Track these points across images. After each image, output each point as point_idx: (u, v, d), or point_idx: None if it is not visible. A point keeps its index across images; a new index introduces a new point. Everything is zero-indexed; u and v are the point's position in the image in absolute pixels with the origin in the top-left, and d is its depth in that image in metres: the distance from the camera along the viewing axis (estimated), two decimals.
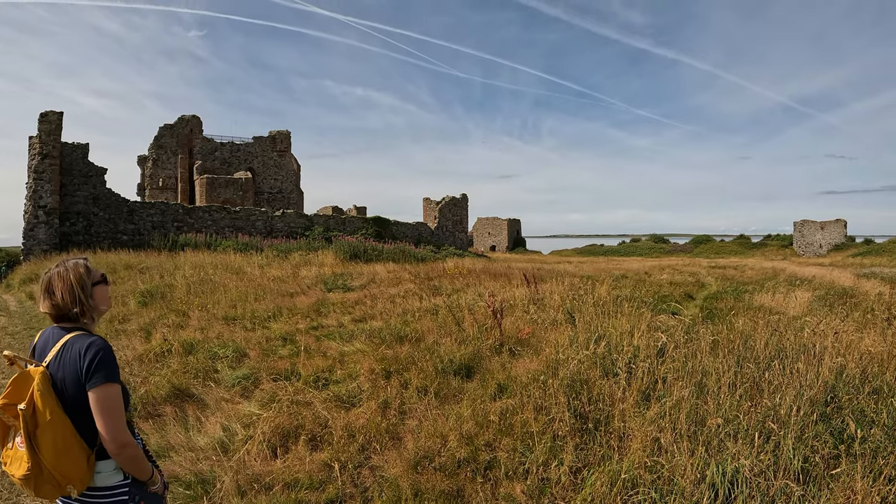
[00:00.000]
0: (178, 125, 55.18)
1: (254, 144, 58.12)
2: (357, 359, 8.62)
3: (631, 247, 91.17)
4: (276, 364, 8.67)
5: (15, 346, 12.44)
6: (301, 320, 11.76)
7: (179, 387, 7.97)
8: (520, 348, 8.69)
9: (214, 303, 13.25)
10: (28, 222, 29.46)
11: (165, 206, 34.75)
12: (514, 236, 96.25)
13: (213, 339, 10.04)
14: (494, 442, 5.79)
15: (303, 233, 36.94)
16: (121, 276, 18.88)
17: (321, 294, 14.90)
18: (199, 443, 6.39)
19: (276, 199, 56.64)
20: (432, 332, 9.77)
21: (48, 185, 29.72)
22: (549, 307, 11.14)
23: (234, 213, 36.43)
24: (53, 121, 30.05)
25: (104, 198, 32.63)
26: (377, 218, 43.63)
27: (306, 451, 5.98)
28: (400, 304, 12.90)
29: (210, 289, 15.18)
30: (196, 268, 19.48)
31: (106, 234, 32.14)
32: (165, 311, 12.71)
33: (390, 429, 6.32)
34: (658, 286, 20.36)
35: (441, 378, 7.58)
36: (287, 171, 58.80)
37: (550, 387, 6.40)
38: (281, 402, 7.07)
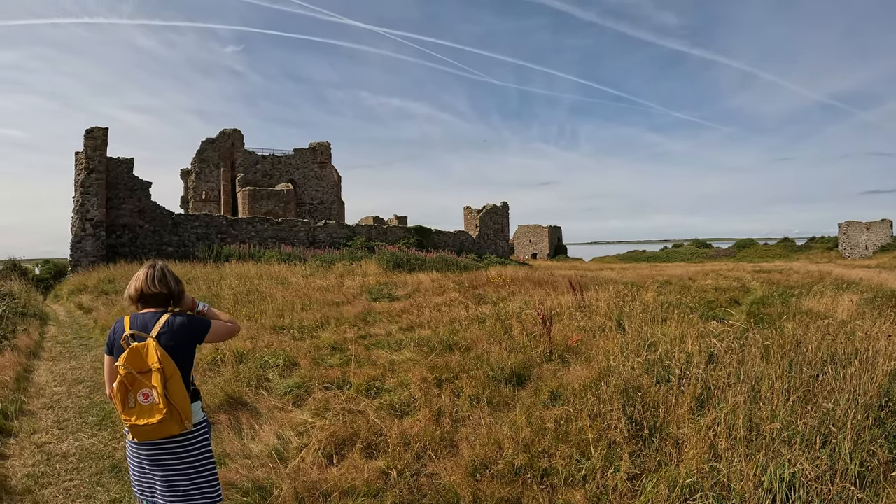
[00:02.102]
0: (220, 139, 55.94)
1: (294, 156, 58.68)
2: (407, 367, 8.62)
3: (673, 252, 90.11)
4: (326, 373, 8.70)
5: (66, 355, 12.79)
6: (349, 329, 11.77)
7: (233, 395, 8.07)
8: (569, 356, 8.63)
9: (261, 312, 13.34)
10: (76, 235, 30.07)
11: (209, 217, 35.24)
12: (554, 244, 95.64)
13: (262, 349, 10.11)
14: (550, 449, 5.73)
15: (345, 243, 37.14)
16: None
17: (367, 303, 14.96)
18: (255, 450, 6.45)
19: (318, 210, 57.06)
20: (481, 340, 9.75)
21: (95, 199, 30.33)
22: (595, 314, 11.06)
23: (277, 225, 36.80)
24: (99, 136, 30.68)
25: (149, 210, 33.22)
26: (418, 227, 43.72)
27: (362, 459, 5.98)
28: (446, 313, 12.89)
29: (257, 299, 15.30)
30: (241, 278, 19.67)
31: (151, 245, 32.72)
32: None
33: (445, 437, 6.31)
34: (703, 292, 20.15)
35: (493, 386, 7.56)
36: (328, 182, 59.21)
37: (604, 394, 6.36)
38: (333, 410, 7.11)
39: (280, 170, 57.88)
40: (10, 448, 7.52)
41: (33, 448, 7.51)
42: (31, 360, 12.22)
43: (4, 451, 7.35)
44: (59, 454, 7.28)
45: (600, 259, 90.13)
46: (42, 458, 7.18)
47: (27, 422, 8.48)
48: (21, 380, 10.37)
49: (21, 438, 7.86)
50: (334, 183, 60.42)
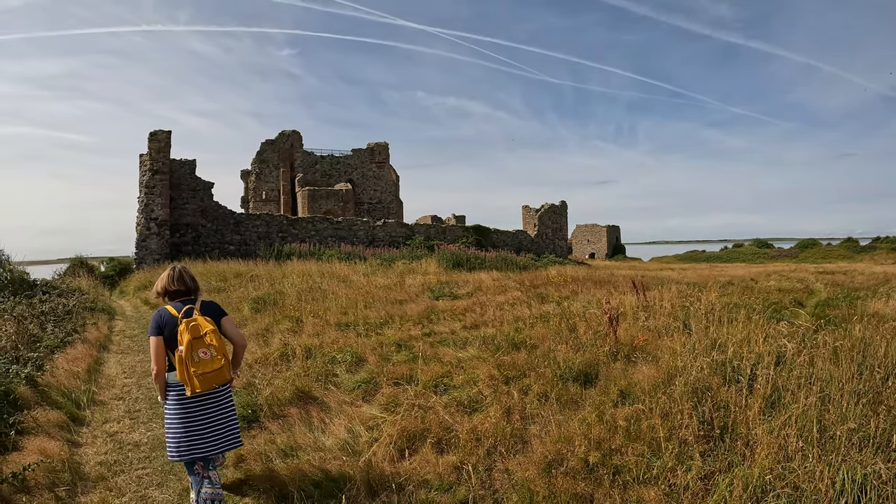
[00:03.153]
0: (279, 140, 56.57)
1: (353, 156, 59.05)
2: (474, 365, 8.55)
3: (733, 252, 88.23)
4: (393, 369, 8.68)
5: (134, 348, 13.15)
6: (413, 327, 11.75)
7: (302, 389, 8.10)
8: (636, 355, 8.49)
9: (325, 309, 13.38)
10: (140, 234, 30.72)
11: (270, 217, 35.69)
12: (613, 243, 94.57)
13: (328, 345, 10.14)
14: (622, 447, 5.64)
15: (404, 242, 37.27)
16: (231, 283, 19.38)
17: (429, 302, 14.88)
18: (326, 443, 6.47)
19: (376, 210, 57.35)
20: (546, 339, 9.63)
21: (159, 199, 30.95)
22: (659, 314, 10.87)
23: (337, 224, 37.10)
24: (162, 139, 31.32)
25: (212, 210, 33.81)
26: (477, 226, 43.65)
27: (433, 454, 5.96)
28: (509, 312, 12.78)
29: (320, 296, 15.39)
30: (303, 276, 19.79)
31: (214, 244, 33.27)
32: (279, 317, 12.93)
33: (515, 433, 6.25)
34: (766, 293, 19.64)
35: (560, 384, 7.47)
36: (386, 182, 59.48)
37: (675, 393, 6.27)
38: (402, 406, 7.09)
39: (339, 170, 58.32)
40: (83, 436, 7.66)
41: (105, 437, 7.64)
42: (101, 352, 12.46)
43: (78, 440, 7.50)
44: (131, 443, 7.40)
45: (659, 259, 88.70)
46: (114, 446, 7.31)
47: (99, 411, 8.63)
48: (92, 371, 10.58)
49: (93, 427, 8.01)
50: (392, 182, 60.67)
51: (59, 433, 7.33)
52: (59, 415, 7.86)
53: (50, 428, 7.36)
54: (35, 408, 7.82)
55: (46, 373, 9.33)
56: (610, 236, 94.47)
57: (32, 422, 7.32)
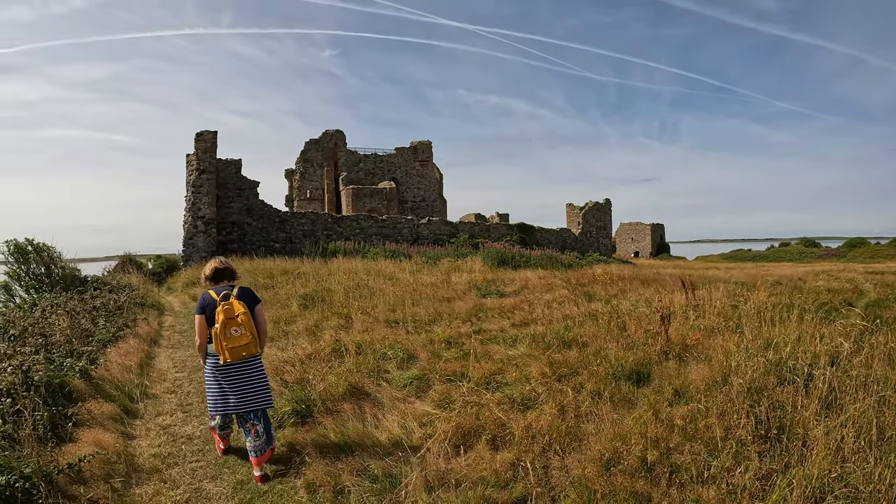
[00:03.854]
0: (323, 139, 56.96)
1: (396, 155, 59.23)
2: (525, 363, 8.48)
3: (779, 251, 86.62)
4: (444, 366, 8.64)
5: (184, 343, 13.27)
6: (461, 325, 11.69)
7: (355, 385, 8.07)
8: (687, 355, 8.37)
9: (373, 306, 13.41)
10: (188, 232, 31.12)
11: (315, 215, 35.90)
12: (657, 241, 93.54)
13: (379, 342, 10.14)
14: (679, 446, 5.53)
15: (448, 240, 37.21)
16: (278, 280, 19.45)
17: (476, 299, 14.82)
18: (380, 438, 6.43)
19: (420, 208, 57.42)
20: (597, 337, 9.53)
21: (205, 198, 31.31)
22: (709, 313, 10.74)
23: (381, 222, 37.25)
24: (208, 139, 31.71)
25: (257, 209, 34.12)
26: (521, 224, 43.47)
27: (489, 451, 5.88)
28: (557, 310, 12.67)
29: (367, 293, 15.42)
30: (349, 273, 19.85)
31: (259, 242, 33.58)
32: (328, 313, 12.97)
33: (570, 431, 6.15)
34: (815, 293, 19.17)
35: (613, 383, 7.39)
36: (429, 180, 59.53)
37: (730, 393, 6.18)
38: (456, 402, 7.06)
39: (382, 168, 58.56)
40: (137, 429, 7.74)
41: (158, 430, 7.71)
42: (152, 347, 12.60)
43: (131, 432, 7.56)
44: (184, 436, 7.45)
45: (704, 258, 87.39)
46: (167, 439, 7.38)
47: (151, 404, 8.72)
48: (144, 365, 10.70)
49: (146, 420, 8.08)
50: (436, 181, 60.73)
51: (113, 425, 7.40)
52: (112, 407, 7.93)
53: (104, 420, 7.43)
54: (89, 400, 7.90)
55: (100, 366, 9.43)
56: (654, 234, 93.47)
57: (87, 414, 7.39)
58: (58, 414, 6.95)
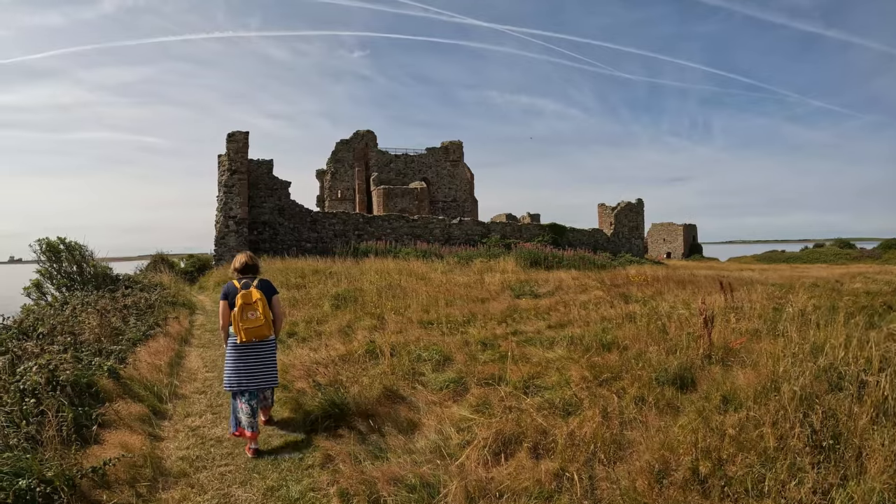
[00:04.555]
0: (354, 140, 57.15)
1: (427, 155, 59.23)
2: (564, 365, 8.20)
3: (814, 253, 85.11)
4: (481, 369, 8.36)
5: (214, 342, 13.13)
6: (497, 326, 11.46)
7: (390, 388, 7.85)
8: (731, 359, 8.05)
9: (405, 307, 13.23)
10: (219, 231, 31.36)
11: (346, 215, 35.98)
12: (689, 242, 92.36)
13: (413, 343, 9.92)
14: (731, 457, 5.20)
15: (480, 240, 37.08)
16: (310, 280, 19.36)
17: (511, 300, 14.60)
18: (417, 445, 6.14)
19: (451, 208, 57.27)
20: (637, 340, 9.22)
21: (237, 198, 31.49)
22: (749, 316, 10.45)
23: (413, 222, 37.19)
24: (240, 140, 31.87)
25: (289, 209, 34.23)
26: (553, 225, 43.16)
27: (529, 459, 5.58)
28: (593, 312, 12.41)
29: (399, 293, 15.25)
30: (381, 273, 19.71)
31: (291, 241, 33.67)
32: (360, 314, 12.80)
33: (615, 439, 5.84)
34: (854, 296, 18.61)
35: (656, 388, 7.09)
36: (460, 181, 59.40)
37: (781, 400, 5.85)
38: (494, 407, 6.79)
39: (413, 168, 58.54)
40: (165, 430, 7.55)
41: (187, 431, 7.51)
42: (182, 346, 12.47)
43: (159, 433, 7.39)
44: (213, 438, 7.26)
45: (737, 259, 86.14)
46: (196, 441, 7.17)
47: (181, 405, 8.55)
48: (174, 365, 10.57)
49: (175, 421, 7.91)
50: (467, 181, 60.55)
51: (140, 426, 7.21)
52: (140, 408, 7.75)
53: (132, 421, 7.24)
54: (117, 400, 7.73)
55: (129, 365, 9.30)
56: (686, 235, 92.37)
57: (114, 415, 7.21)
58: (84, 414, 6.77)
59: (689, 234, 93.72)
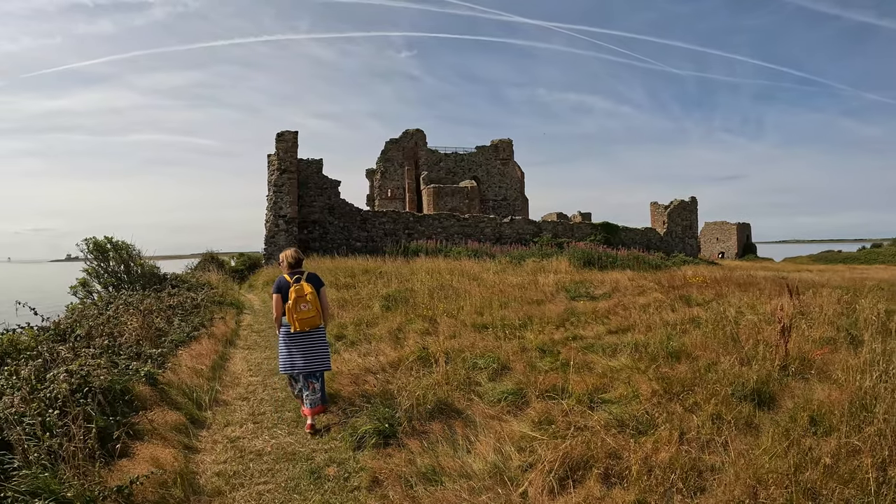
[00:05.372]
0: (403, 139, 57.10)
1: (477, 154, 58.90)
2: (630, 377, 7.59)
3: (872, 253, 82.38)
4: (540, 378, 7.77)
5: (261, 344, 12.87)
6: (554, 330, 10.94)
7: (444, 400, 7.30)
8: (811, 372, 7.43)
9: (458, 309, 12.77)
10: (269, 230, 31.53)
11: (397, 214, 35.89)
12: (743, 242, 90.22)
13: (468, 348, 9.43)
14: (829, 492, 4.55)
15: (531, 239, 36.62)
16: (360, 280, 19.04)
17: (567, 302, 14.03)
18: (474, 467, 5.48)
19: (501, 207, 56.75)
20: (707, 348, 8.60)
21: (287, 197, 31.61)
22: (819, 323, 9.81)
23: (463, 221, 36.90)
24: (289, 139, 32.03)
25: (339, 208, 34.22)
26: (605, 224, 42.38)
27: (600, 487, 4.97)
28: (654, 315, 11.76)
29: (451, 294, 14.81)
30: (432, 273, 19.32)
31: (341, 240, 33.59)
32: (411, 316, 12.36)
33: (694, 464, 5.20)
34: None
35: (735, 404, 6.48)
36: (511, 179, 58.89)
37: (876, 423, 5.26)
38: (557, 423, 6.21)
39: (463, 167, 58.19)
40: (202, 441, 7.13)
41: (226, 443, 7.06)
42: (227, 348, 12.15)
43: (196, 445, 6.98)
44: (253, 452, 6.77)
45: (792, 259, 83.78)
46: (234, 454, 6.69)
47: (221, 413, 8.12)
48: (216, 368, 10.24)
49: (213, 431, 7.48)
50: (517, 179, 60.01)
51: (175, 437, 6.77)
52: (177, 416, 7.33)
53: (166, 431, 6.80)
54: (153, 408, 7.31)
55: (168, 370, 8.92)
56: (740, 234, 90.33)
57: (148, 424, 6.78)
58: (114, 424, 6.28)
59: (743, 233, 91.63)
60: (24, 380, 6.70)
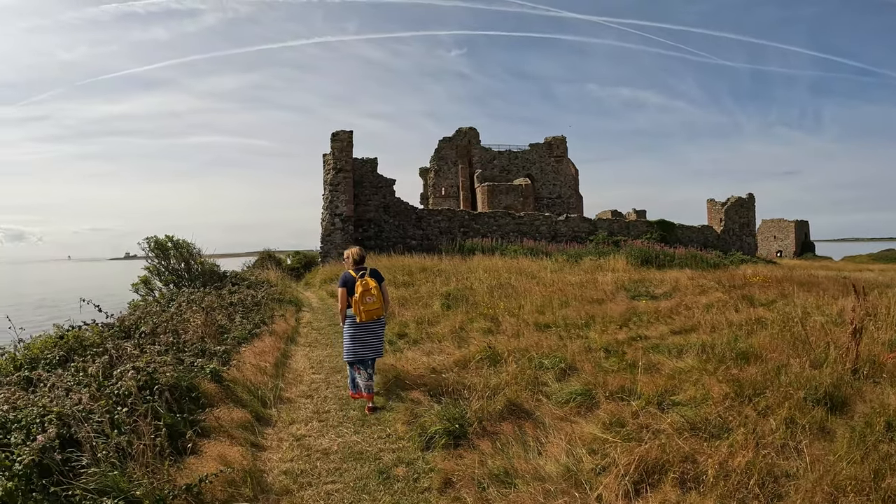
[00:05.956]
0: (457, 137, 57.15)
1: (530, 151, 58.63)
2: (697, 378, 7.40)
3: None
4: (607, 379, 7.63)
5: (322, 342, 12.86)
6: (617, 330, 10.80)
7: (513, 401, 7.16)
8: (882, 376, 7.20)
9: (518, 307, 12.68)
10: (326, 229, 31.84)
11: (452, 212, 35.95)
12: (801, 240, 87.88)
13: (533, 348, 9.30)
14: None
15: (586, 237, 36.31)
16: (418, 278, 19.09)
17: (627, 302, 13.87)
18: (547, 470, 5.35)
19: (556, 205, 56.36)
20: (775, 349, 8.35)
21: (343, 196, 31.88)
22: (888, 325, 9.49)
23: (518, 219, 36.72)
24: (344, 139, 32.27)
25: (394, 206, 34.41)
26: (661, 221, 41.70)
27: (676, 492, 4.82)
28: (718, 316, 11.49)
29: (511, 293, 14.74)
30: (489, 272, 19.29)
31: (396, 238, 33.74)
32: (473, 315, 12.31)
33: (770, 470, 5.04)
34: None
35: (807, 408, 6.26)
36: (565, 176, 58.46)
37: None
38: (627, 425, 6.07)
39: (517, 165, 57.97)
40: (268, 439, 7.11)
41: (291, 440, 7.02)
42: (289, 345, 12.22)
43: (262, 442, 6.96)
44: (320, 450, 6.72)
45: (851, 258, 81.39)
46: (301, 453, 6.65)
47: (285, 411, 8.12)
48: (279, 365, 10.25)
49: (279, 429, 7.46)
50: (571, 177, 59.51)
51: (242, 435, 6.77)
52: (243, 414, 7.35)
53: (233, 429, 6.81)
54: (219, 405, 7.33)
55: (232, 367, 8.97)
56: (798, 232, 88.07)
57: (214, 421, 6.80)
58: (182, 422, 6.27)
59: (801, 231, 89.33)
60: (92, 376, 6.72)
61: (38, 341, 9.14)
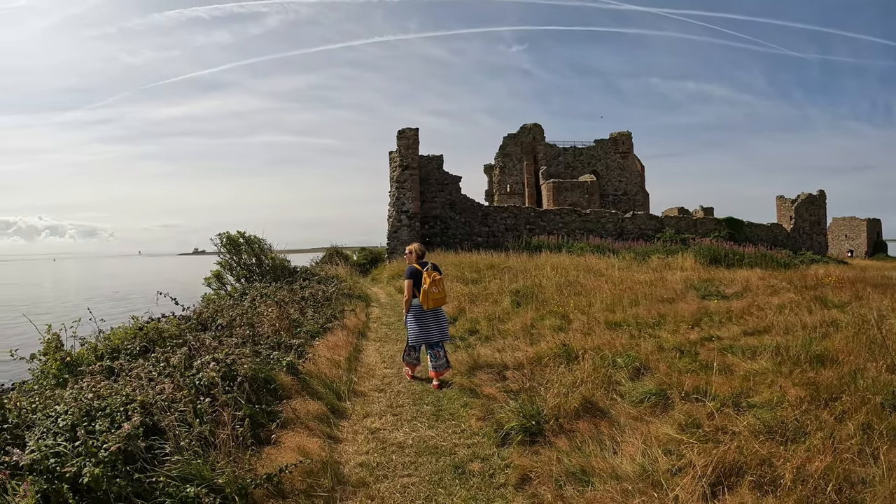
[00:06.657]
0: (521, 134, 57.05)
1: (595, 147, 58.29)
2: (772, 380, 7.26)
3: None
4: (681, 379, 7.54)
5: (391, 336, 13.10)
6: (689, 330, 10.64)
7: (589, 399, 7.13)
8: None
9: (588, 305, 12.63)
10: (392, 226, 32.14)
11: (518, 209, 36.01)
12: (873, 240, 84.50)
13: (606, 346, 9.24)
14: None
15: (653, 235, 35.97)
16: (485, 275, 19.13)
17: (698, 301, 13.64)
18: (624, 469, 5.34)
19: (621, 201, 55.79)
20: (851, 353, 8.12)
21: (409, 193, 32.14)
22: None
23: (584, 216, 36.60)
24: (410, 136, 32.59)
25: (460, 203, 34.56)
26: (729, 219, 40.92)
27: (752, 495, 4.77)
28: (791, 317, 11.21)
29: (580, 291, 14.67)
30: (557, 269, 19.21)
31: (463, 235, 33.96)
32: (543, 312, 12.31)
33: (847, 476, 4.93)
34: None
35: (885, 414, 6.10)
36: (630, 173, 57.84)
37: None
38: (702, 426, 6.01)
39: (582, 161, 57.63)
40: (343, 431, 7.22)
41: (366, 433, 7.13)
42: (360, 339, 12.40)
43: (337, 434, 7.07)
44: (395, 444, 6.81)
45: None
46: (376, 445, 6.75)
47: (359, 404, 8.24)
48: (352, 359, 10.42)
49: (353, 421, 7.57)
50: (637, 173, 58.83)
51: (318, 427, 6.90)
52: (318, 406, 7.48)
53: (309, 420, 6.95)
54: (295, 397, 7.50)
55: (307, 360, 9.12)
56: (870, 231, 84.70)
57: (291, 413, 6.94)
58: (261, 412, 6.42)
59: (873, 230, 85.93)
60: (174, 367, 6.89)
61: (119, 332, 9.44)
